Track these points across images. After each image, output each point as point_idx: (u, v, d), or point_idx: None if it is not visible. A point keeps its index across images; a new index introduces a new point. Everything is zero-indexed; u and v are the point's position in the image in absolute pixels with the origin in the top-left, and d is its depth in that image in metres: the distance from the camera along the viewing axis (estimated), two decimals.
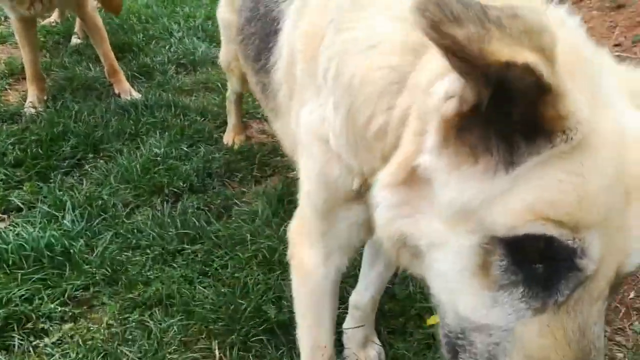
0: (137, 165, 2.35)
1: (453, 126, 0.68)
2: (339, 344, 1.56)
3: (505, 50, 0.55)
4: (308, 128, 1.02)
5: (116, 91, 3.00)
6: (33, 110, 2.72)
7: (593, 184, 0.63)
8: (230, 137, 2.66)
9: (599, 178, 0.64)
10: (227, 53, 2.32)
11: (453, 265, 0.72)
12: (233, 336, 1.60)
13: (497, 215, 0.66)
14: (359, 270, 1.58)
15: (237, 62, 2.10)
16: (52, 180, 2.29)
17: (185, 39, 3.74)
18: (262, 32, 1.37)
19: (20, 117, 2.73)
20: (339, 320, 1.51)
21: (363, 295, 1.52)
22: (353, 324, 1.55)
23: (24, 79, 2.94)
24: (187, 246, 1.96)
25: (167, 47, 3.61)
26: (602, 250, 0.64)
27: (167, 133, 2.61)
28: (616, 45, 2.88)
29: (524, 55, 0.56)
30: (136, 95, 2.97)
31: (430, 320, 1.69)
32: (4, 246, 1.82)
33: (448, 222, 0.71)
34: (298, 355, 1.35)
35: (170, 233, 2.00)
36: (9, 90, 3.06)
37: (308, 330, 1.26)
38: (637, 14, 3.01)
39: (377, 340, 1.61)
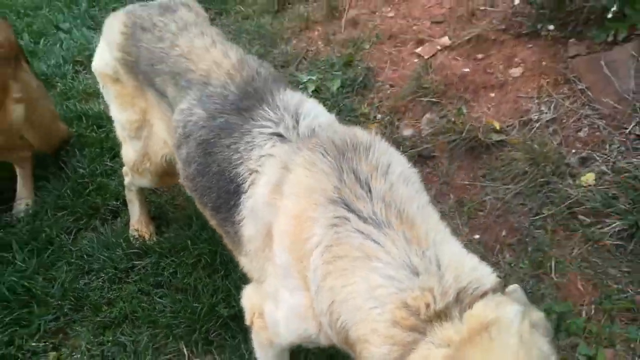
0: (68, 190, 2.52)
1: None
2: None
3: None
4: (293, 307, 1.27)
5: None
6: None
7: None
8: (140, 229, 2.33)
9: None
10: (131, 154, 2.03)
11: None
12: (195, 335, 1.97)
13: None
14: None
15: (149, 161, 1.98)
16: None
17: (74, 31, 3.66)
18: (220, 189, 1.46)
19: None
20: None
21: None
22: None
23: None
24: (136, 262, 2.25)
25: (58, 45, 3.54)
26: None
27: (86, 149, 2.74)
28: None
29: None
30: None
31: None
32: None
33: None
34: (251, 340, 1.72)
35: (118, 253, 2.26)
36: None
37: None
38: None
39: None
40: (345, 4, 3.60)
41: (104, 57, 1.86)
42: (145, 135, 1.92)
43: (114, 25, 1.79)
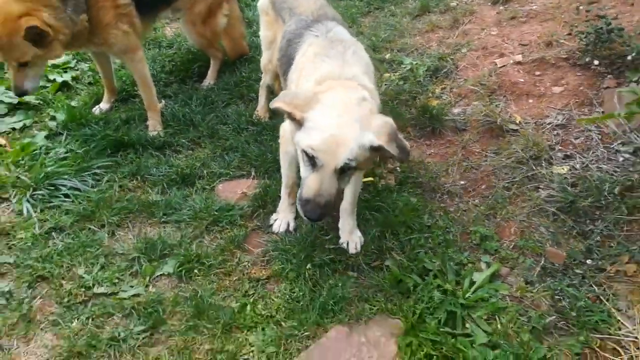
0: (232, 82, 4.11)
1: None
2: None
3: (287, 108, 2.08)
4: None
5: (149, 124, 3.68)
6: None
7: (323, 139, 1.99)
8: (260, 113, 3.77)
9: (324, 139, 2.00)
10: (265, 58, 3.54)
11: (299, 158, 2.18)
12: (262, 168, 3.32)
13: (302, 141, 2.06)
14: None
15: (271, 64, 3.42)
16: (187, 84, 4.15)
17: None
18: (287, 62, 2.71)
19: (172, 44, 4.61)
20: None
21: (343, 202, 2.77)
22: (341, 221, 2.82)
23: (178, 18, 4.73)
24: (250, 127, 3.69)
25: None
26: (324, 157, 2.02)
27: (251, 64, 4.32)
28: None
29: (283, 107, 2.10)
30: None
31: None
32: (168, 115, 3.70)
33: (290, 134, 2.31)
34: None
35: (242, 119, 3.74)
36: (166, 27, 4.95)
37: (285, 170, 2.84)
38: None
39: (358, 231, 2.84)
40: (464, 19, 4.61)
41: (264, 1, 3.34)
42: (273, 47, 3.33)
43: None
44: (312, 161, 2.06)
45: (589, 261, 2.65)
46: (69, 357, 2.27)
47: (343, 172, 2.08)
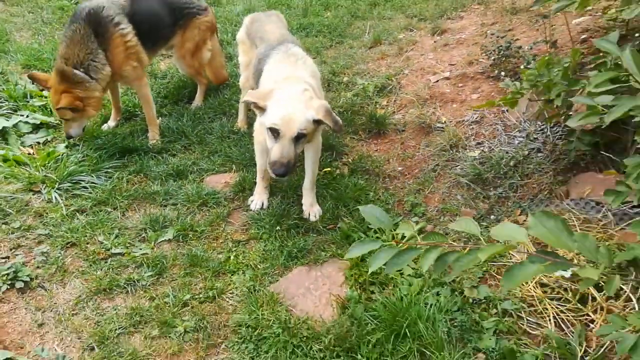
0: (216, 103, 5.00)
1: None
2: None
3: (253, 99, 3.07)
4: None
5: (149, 135, 4.48)
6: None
7: (281, 116, 2.97)
8: (240, 124, 4.56)
9: (282, 116, 2.96)
10: (243, 78, 4.33)
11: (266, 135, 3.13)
12: (241, 164, 4.15)
13: (266, 121, 3.03)
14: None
15: (247, 83, 4.14)
16: (179, 105, 5.02)
17: None
18: (258, 76, 3.48)
19: (166, 75, 5.52)
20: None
21: (305, 181, 3.59)
22: (304, 197, 3.62)
23: (170, 56, 5.67)
24: (231, 135, 4.54)
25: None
26: (283, 129, 2.99)
27: (232, 88, 5.23)
28: None
29: (250, 99, 3.09)
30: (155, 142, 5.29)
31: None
32: (164, 128, 4.55)
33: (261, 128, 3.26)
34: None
35: (225, 129, 4.60)
36: (161, 62, 5.88)
37: (258, 159, 3.64)
38: None
39: (317, 204, 3.61)
40: (408, 48, 5.62)
41: (241, 33, 4.27)
42: (249, 69, 4.24)
43: (247, 19, 4.21)
44: (275, 134, 2.93)
45: (492, 216, 3.49)
46: (97, 293, 3.01)
47: (298, 140, 2.96)
